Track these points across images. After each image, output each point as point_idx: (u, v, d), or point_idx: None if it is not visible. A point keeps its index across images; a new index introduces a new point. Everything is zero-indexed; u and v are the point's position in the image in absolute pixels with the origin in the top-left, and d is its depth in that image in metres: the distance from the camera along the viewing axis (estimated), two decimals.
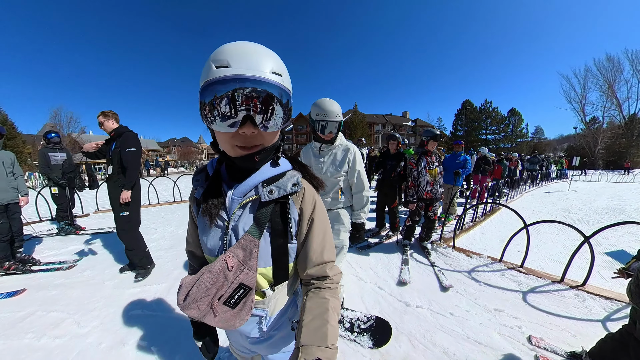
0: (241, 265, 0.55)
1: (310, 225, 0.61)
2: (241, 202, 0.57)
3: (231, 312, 0.56)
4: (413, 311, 1.91)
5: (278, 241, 0.59)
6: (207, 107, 0.48)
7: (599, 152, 25.63)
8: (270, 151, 0.58)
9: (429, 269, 2.68)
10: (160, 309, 2.01)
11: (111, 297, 2.18)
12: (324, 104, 1.51)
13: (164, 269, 2.67)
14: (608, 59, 27.28)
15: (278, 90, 0.49)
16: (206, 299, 0.55)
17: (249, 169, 0.58)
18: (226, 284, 0.54)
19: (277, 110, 0.50)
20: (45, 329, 1.76)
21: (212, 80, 0.47)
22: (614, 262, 3.03)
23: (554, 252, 3.28)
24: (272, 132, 0.53)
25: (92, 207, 5.59)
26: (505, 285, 2.32)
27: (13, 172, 2.67)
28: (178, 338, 1.67)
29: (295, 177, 0.60)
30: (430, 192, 2.98)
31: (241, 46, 0.48)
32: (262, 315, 0.63)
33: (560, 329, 1.75)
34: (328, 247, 0.62)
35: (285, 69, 0.53)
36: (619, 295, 2.08)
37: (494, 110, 40.58)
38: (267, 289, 0.62)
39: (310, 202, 0.61)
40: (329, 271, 0.61)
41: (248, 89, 0.46)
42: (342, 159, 1.63)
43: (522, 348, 1.56)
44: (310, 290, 0.60)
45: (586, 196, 7.80)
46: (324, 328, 0.52)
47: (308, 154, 1.75)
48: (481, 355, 1.52)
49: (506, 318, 1.86)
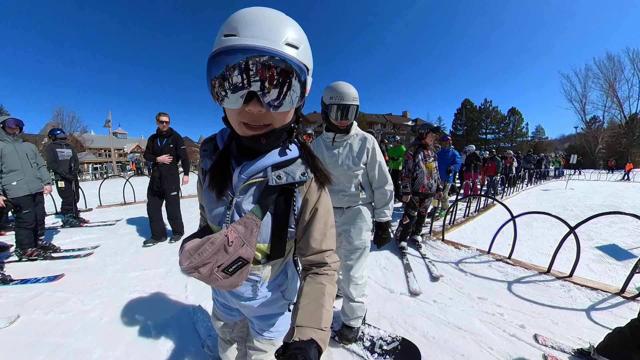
0: (241, 240, 0.57)
1: (314, 215, 0.62)
2: (248, 182, 0.58)
3: (229, 278, 0.59)
4: (396, 297, 1.92)
5: (279, 224, 0.61)
6: (213, 82, 0.45)
7: (599, 151, 25.56)
8: (281, 133, 0.55)
9: (419, 260, 2.69)
10: (157, 290, 2.15)
11: (112, 279, 2.33)
12: (339, 86, 1.32)
13: (162, 256, 2.83)
14: (609, 57, 27.28)
15: (291, 65, 0.43)
16: (208, 266, 0.57)
17: (259, 149, 0.56)
18: (226, 256, 0.57)
19: (288, 88, 0.45)
20: (51, 306, 1.90)
21: (217, 51, 0.42)
22: (605, 255, 3.03)
23: (544, 245, 3.29)
24: (282, 112, 0.49)
25: (95, 202, 5.70)
26: (491, 275, 2.32)
27: (37, 163, 2.79)
28: (171, 313, 1.82)
29: (305, 167, 0.60)
30: (426, 186, 2.92)
31: (254, 12, 0.43)
32: (256, 280, 0.67)
33: (543, 316, 1.75)
34: (328, 236, 0.64)
35: (304, 40, 0.48)
36: (605, 286, 2.09)
37: (493, 109, 40.52)
38: (262, 259, 0.65)
39: (315, 193, 0.62)
40: (327, 259, 0.63)
41: (254, 61, 0.41)
42: (360, 150, 1.43)
43: (525, 346, 1.49)
44: (309, 275, 0.62)
45: (583, 194, 7.79)
46: (319, 311, 0.53)
47: (319, 147, 1.54)
48: (460, 339, 1.53)
49: (489, 306, 1.86)
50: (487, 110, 40.76)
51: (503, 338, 1.54)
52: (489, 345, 1.48)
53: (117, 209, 5.50)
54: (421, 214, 3.14)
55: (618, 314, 1.76)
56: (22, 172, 2.58)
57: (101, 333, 1.62)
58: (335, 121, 1.37)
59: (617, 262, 2.85)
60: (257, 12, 0.43)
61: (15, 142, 2.60)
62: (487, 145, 38.21)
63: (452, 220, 3.95)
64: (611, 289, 2.01)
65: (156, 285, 2.21)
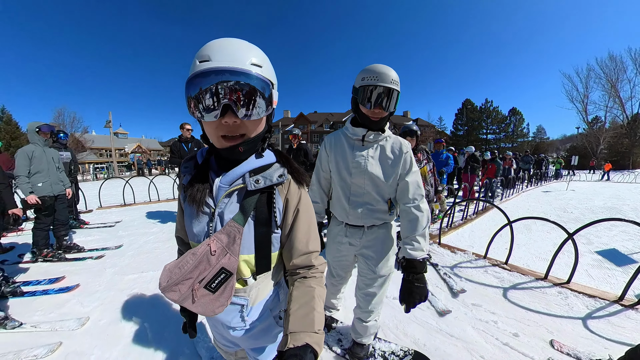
0: (224, 250, 0.57)
1: (296, 216, 0.63)
2: (228, 190, 0.59)
3: (211, 296, 0.57)
4: (389, 302, 1.88)
5: (261, 229, 0.61)
6: (192, 100, 0.51)
7: (601, 152, 25.38)
8: (255, 142, 0.59)
9: (431, 271, 2.49)
10: (154, 292, 2.18)
11: (111, 282, 2.35)
12: (375, 66, 1.02)
13: (160, 258, 2.84)
14: (611, 57, 27.07)
15: (256, 80, 0.51)
16: (188, 282, 0.56)
17: (237, 159, 0.60)
18: (208, 268, 0.56)
19: (256, 99, 0.52)
20: (52, 308, 1.94)
21: (194, 74, 0.49)
22: (604, 261, 2.99)
23: (543, 250, 3.25)
24: (254, 121, 0.55)
25: (96, 204, 5.73)
26: (487, 281, 2.29)
27: (59, 167, 2.93)
28: (167, 315, 1.84)
29: (282, 169, 0.62)
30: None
31: (222, 41, 0.52)
32: (242, 304, 0.65)
33: (538, 325, 1.71)
34: (313, 237, 0.64)
35: (266, 61, 0.55)
36: (603, 293, 2.05)
37: (494, 109, 40.39)
38: (249, 278, 0.63)
39: (295, 194, 0.63)
40: (314, 260, 0.63)
41: (226, 78, 0.48)
42: (396, 156, 1.10)
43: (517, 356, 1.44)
44: (297, 280, 0.62)
45: (584, 196, 7.73)
46: (310, 315, 0.53)
47: (339, 146, 1.18)
48: (451, 347, 1.50)
49: (483, 313, 1.83)
50: (488, 111, 40.63)
51: (495, 347, 1.50)
52: (481, 354, 1.44)
53: (117, 210, 5.53)
54: None
55: (616, 322, 1.72)
56: (47, 175, 2.71)
57: (99, 335, 1.64)
58: (365, 109, 1.04)
59: (616, 267, 2.81)
60: (225, 41, 0.52)
61: (44, 146, 2.77)
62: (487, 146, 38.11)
63: (449, 223, 3.92)
64: (609, 297, 1.98)
65: (154, 287, 2.22)
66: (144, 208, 5.68)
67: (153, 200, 6.39)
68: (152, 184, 6.65)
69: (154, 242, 3.40)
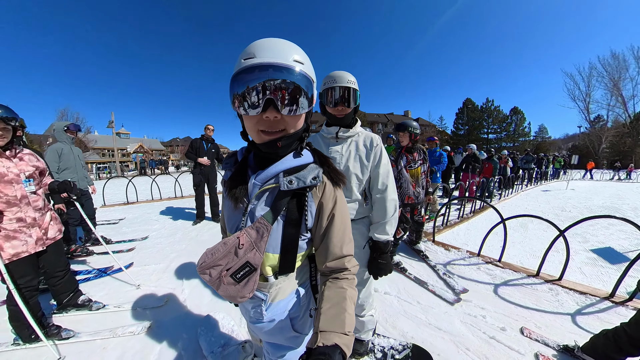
0: (252, 245, 0.59)
1: (331, 221, 0.63)
2: (261, 188, 0.61)
3: (236, 286, 0.59)
4: (380, 297, 1.92)
5: (290, 230, 0.61)
6: (236, 96, 0.53)
7: (603, 151, 25.20)
8: (293, 139, 0.60)
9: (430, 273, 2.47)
10: (156, 283, 2.31)
11: (115, 274, 2.45)
12: (334, 72, 1.19)
13: (162, 253, 2.99)
14: (613, 56, 26.87)
15: (299, 76, 0.52)
16: (217, 268, 0.59)
17: (273, 158, 0.61)
18: (235, 259, 0.58)
19: (297, 95, 0.53)
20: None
21: (239, 70, 0.51)
22: (598, 259, 3.00)
23: (538, 248, 3.26)
24: (294, 117, 0.56)
25: (99, 202, 5.81)
26: (478, 277, 2.32)
27: (83, 165, 3.08)
28: (167, 306, 1.96)
29: (317, 171, 0.62)
30: (412, 195, 2.64)
31: (266, 40, 0.53)
32: (262, 298, 0.66)
33: (526, 319, 1.74)
34: (347, 241, 0.64)
35: (307, 59, 0.57)
36: (594, 290, 2.07)
37: (495, 109, 40.14)
38: (270, 276, 0.64)
39: (330, 197, 0.63)
40: (347, 264, 0.63)
41: (270, 73, 0.49)
42: (367, 150, 1.21)
43: (503, 348, 1.49)
44: (329, 280, 0.62)
45: (583, 195, 7.70)
46: (342, 315, 0.53)
47: (317, 144, 1.31)
48: (438, 340, 1.54)
49: (472, 308, 1.86)
50: (489, 110, 40.39)
51: (482, 340, 1.54)
52: (467, 346, 1.48)
53: (120, 208, 5.61)
54: (418, 222, 2.95)
55: (604, 318, 1.74)
56: (74, 171, 2.85)
57: (105, 324, 1.74)
58: (330, 108, 1.18)
59: (610, 265, 2.82)
60: (269, 40, 0.53)
61: (71, 144, 2.91)
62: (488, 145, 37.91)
63: (444, 221, 3.94)
64: (600, 293, 2.00)
65: (156, 278, 2.37)
66: (146, 206, 5.78)
67: (155, 198, 6.49)
68: (154, 183, 6.74)
69: (157, 237, 3.57)
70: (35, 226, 1.47)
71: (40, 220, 1.50)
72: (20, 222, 1.40)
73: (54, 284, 1.71)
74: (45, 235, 1.53)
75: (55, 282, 1.70)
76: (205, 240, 3.43)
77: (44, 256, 1.57)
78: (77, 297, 1.83)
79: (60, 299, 1.77)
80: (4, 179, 1.34)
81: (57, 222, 1.64)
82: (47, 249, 1.56)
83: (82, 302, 1.83)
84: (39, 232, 1.48)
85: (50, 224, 1.58)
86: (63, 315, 1.81)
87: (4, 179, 1.34)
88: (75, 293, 1.83)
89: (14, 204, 1.37)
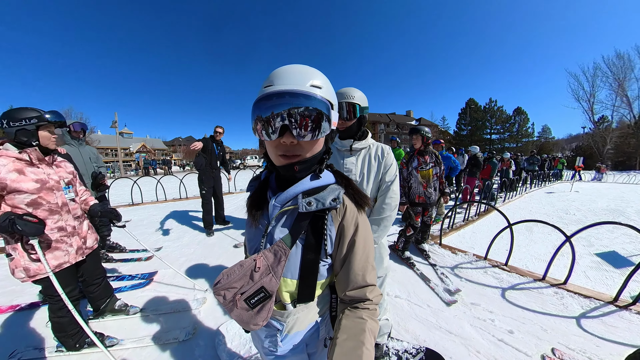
0: (268, 269, 0.57)
1: (352, 247, 0.59)
2: (280, 210, 0.59)
3: (249, 312, 0.57)
4: (391, 300, 1.99)
5: (309, 255, 0.58)
6: (256, 121, 0.54)
7: (607, 152, 25.01)
8: (311, 162, 0.58)
9: (430, 270, 2.61)
10: (164, 287, 2.34)
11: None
12: (341, 89, 1.28)
13: (170, 257, 3.00)
14: (618, 56, 26.59)
15: (315, 100, 0.52)
16: (232, 290, 0.57)
17: (293, 179, 0.60)
18: (250, 283, 0.56)
19: (313, 119, 0.52)
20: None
21: (259, 97, 0.53)
22: (603, 263, 3.04)
23: (543, 251, 3.30)
24: (311, 142, 0.55)
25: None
26: (486, 281, 2.38)
27: (98, 165, 2.85)
28: (178, 309, 2.00)
29: (337, 192, 0.59)
30: (423, 195, 2.79)
31: (284, 67, 0.55)
32: (278, 328, 0.63)
33: (533, 322, 1.81)
34: (370, 269, 0.59)
35: (327, 83, 0.56)
36: (599, 294, 2.12)
37: (498, 109, 39.93)
38: (288, 304, 0.61)
39: (351, 221, 0.59)
40: (369, 294, 0.58)
41: (286, 100, 0.50)
42: (380, 159, 1.31)
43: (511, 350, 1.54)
44: (347, 308, 0.58)
45: (588, 197, 7.69)
46: (358, 350, 0.49)
47: (332, 157, 1.36)
48: (449, 343, 1.60)
49: (481, 311, 1.93)
50: (492, 110, 40.18)
51: (491, 342, 1.61)
52: (477, 349, 1.55)
53: (125, 209, 5.64)
54: (426, 223, 3.04)
55: (609, 322, 1.80)
56: (86, 176, 2.63)
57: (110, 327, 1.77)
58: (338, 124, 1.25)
59: (614, 269, 2.86)
60: (287, 67, 0.54)
61: (79, 146, 2.68)
62: (491, 146, 37.73)
63: (450, 224, 4.00)
64: (604, 297, 2.05)
65: (166, 283, 2.40)
66: (152, 207, 5.82)
67: (160, 200, 6.53)
68: (159, 184, 6.80)
69: (164, 241, 3.54)
70: (75, 235, 1.45)
71: (79, 228, 1.48)
72: (62, 232, 1.37)
73: (92, 292, 1.70)
74: (84, 245, 1.51)
75: (93, 290, 1.70)
76: (213, 243, 3.46)
77: (84, 265, 1.55)
78: (114, 302, 1.84)
79: (97, 305, 1.77)
80: (45, 186, 1.31)
81: (93, 230, 1.64)
82: (86, 259, 1.54)
83: (119, 307, 1.84)
84: (79, 241, 1.47)
85: (89, 232, 1.56)
86: (99, 321, 1.81)
87: (45, 186, 1.31)
88: (112, 298, 1.83)
89: (56, 212, 1.35)
